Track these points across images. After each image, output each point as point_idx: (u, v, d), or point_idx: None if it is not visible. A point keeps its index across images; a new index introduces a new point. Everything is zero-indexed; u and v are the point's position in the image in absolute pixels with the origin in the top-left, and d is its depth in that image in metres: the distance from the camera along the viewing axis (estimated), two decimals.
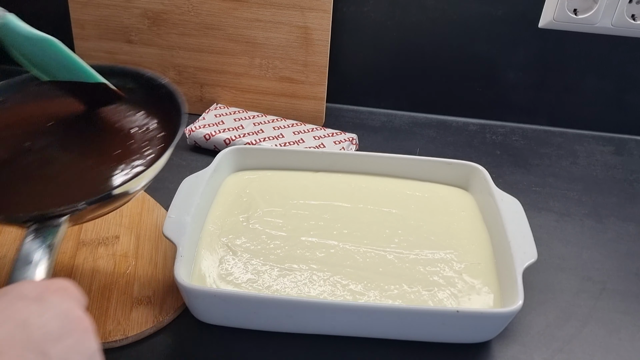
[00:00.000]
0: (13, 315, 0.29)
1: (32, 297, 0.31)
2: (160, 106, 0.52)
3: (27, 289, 0.31)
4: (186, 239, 0.51)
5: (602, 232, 0.65)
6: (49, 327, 0.29)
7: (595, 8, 0.72)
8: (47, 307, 0.30)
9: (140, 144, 0.49)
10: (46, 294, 0.31)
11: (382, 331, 0.50)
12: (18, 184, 0.45)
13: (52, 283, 0.32)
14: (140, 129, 0.50)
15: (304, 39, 0.75)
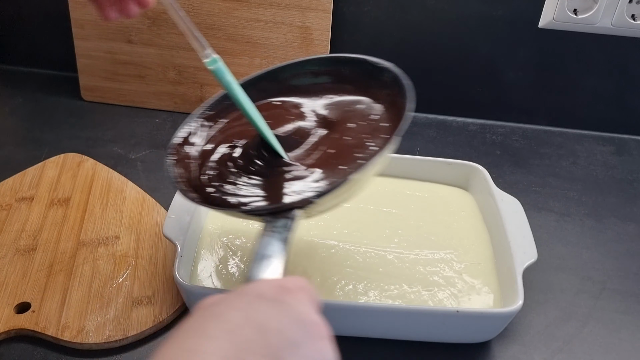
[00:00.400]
0: (252, 317, 0.27)
1: (270, 298, 0.29)
2: (384, 91, 0.50)
3: (265, 289, 0.29)
4: (186, 239, 0.51)
5: (602, 232, 0.65)
6: (287, 333, 0.27)
7: (595, 8, 0.72)
8: (284, 310, 0.28)
9: (367, 133, 0.47)
10: (283, 295, 0.29)
11: (382, 331, 0.50)
12: None
13: (289, 282, 0.30)
14: (364, 116, 0.49)
15: (304, 39, 0.75)
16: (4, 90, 0.84)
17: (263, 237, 0.39)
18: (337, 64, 0.53)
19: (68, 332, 0.49)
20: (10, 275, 0.54)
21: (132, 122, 0.79)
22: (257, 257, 0.37)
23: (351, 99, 0.51)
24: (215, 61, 0.45)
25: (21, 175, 0.65)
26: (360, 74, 0.52)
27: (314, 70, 0.54)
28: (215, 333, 0.26)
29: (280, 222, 0.40)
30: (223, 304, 0.28)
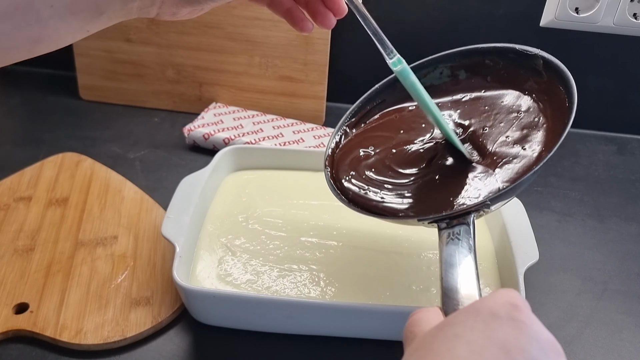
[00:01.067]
0: (493, 337, 0.28)
1: (505, 317, 0.29)
2: (537, 80, 0.48)
3: (497, 308, 0.29)
4: (185, 239, 0.51)
5: (603, 232, 0.65)
6: (529, 352, 0.28)
7: (597, 7, 0.72)
8: (522, 329, 0.28)
9: (526, 128, 0.46)
10: (516, 313, 0.29)
11: (382, 332, 0.50)
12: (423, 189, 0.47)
13: (515, 299, 0.30)
14: (521, 111, 0.48)
15: (304, 37, 0.74)
16: (2, 89, 0.84)
17: (447, 245, 0.39)
18: (477, 55, 0.52)
19: (66, 333, 0.49)
20: (8, 275, 0.53)
21: (131, 121, 0.79)
22: (447, 266, 0.37)
23: (498, 93, 0.50)
24: (399, 61, 0.44)
25: (19, 175, 0.65)
26: (506, 66, 0.50)
27: (452, 65, 0.53)
28: (465, 355, 0.27)
29: (461, 229, 0.40)
30: (460, 325, 0.29)
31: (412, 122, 0.53)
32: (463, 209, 0.41)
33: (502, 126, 0.48)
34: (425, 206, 0.45)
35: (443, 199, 0.44)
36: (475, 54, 0.52)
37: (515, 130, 0.47)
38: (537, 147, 0.45)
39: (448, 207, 0.43)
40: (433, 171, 0.48)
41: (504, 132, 0.47)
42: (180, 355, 0.49)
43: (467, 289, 0.35)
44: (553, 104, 0.46)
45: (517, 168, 0.44)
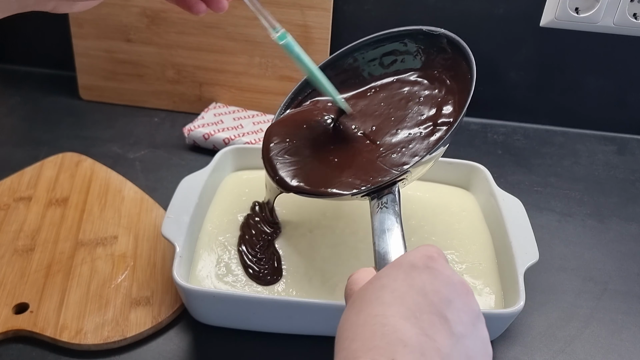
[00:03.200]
0: (413, 284, 0.33)
1: (422, 266, 0.34)
2: (440, 59, 0.53)
3: (415, 260, 0.34)
4: (185, 239, 0.51)
5: (603, 232, 0.65)
6: (442, 293, 0.33)
7: (597, 7, 0.72)
8: (436, 275, 0.33)
9: (436, 102, 0.51)
10: (431, 262, 0.34)
11: None
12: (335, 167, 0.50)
13: (430, 251, 0.35)
14: (428, 87, 0.53)
15: (304, 37, 0.74)
16: (2, 89, 0.84)
17: (377, 214, 0.43)
18: (390, 41, 0.54)
19: (66, 333, 0.49)
20: (9, 275, 0.53)
21: (131, 121, 0.79)
22: (379, 232, 0.42)
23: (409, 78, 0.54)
24: (284, 36, 0.47)
25: (19, 175, 0.65)
26: (415, 49, 0.54)
27: (367, 56, 0.56)
28: (390, 300, 0.32)
29: (388, 198, 0.44)
30: (385, 277, 0.34)
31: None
32: (390, 180, 0.45)
33: (416, 106, 0.52)
34: (356, 181, 0.48)
35: (369, 173, 0.48)
36: (388, 39, 0.55)
37: (427, 108, 0.51)
38: (447, 118, 0.50)
39: (375, 180, 0.47)
40: (347, 150, 0.51)
41: (416, 112, 0.51)
42: (180, 355, 0.49)
43: (395, 250, 0.40)
44: (458, 79, 0.51)
45: (432, 139, 0.49)
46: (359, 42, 0.55)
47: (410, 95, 0.53)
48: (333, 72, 0.55)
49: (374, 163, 0.49)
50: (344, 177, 0.48)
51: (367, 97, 0.55)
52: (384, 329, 0.30)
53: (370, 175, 0.48)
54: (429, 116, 0.51)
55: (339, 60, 0.56)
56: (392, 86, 0.55)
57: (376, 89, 0.55)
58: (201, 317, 0.50)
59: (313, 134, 0.53)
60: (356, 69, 0.56)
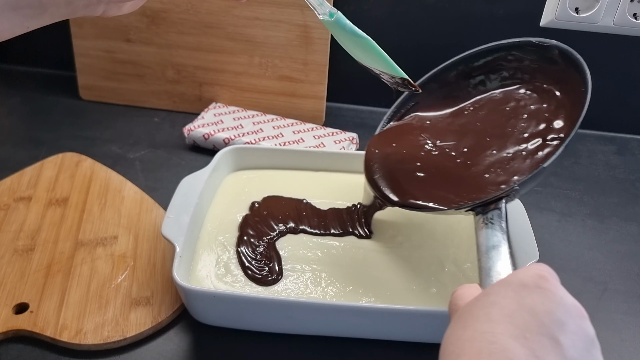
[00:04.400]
0: (523, 303, 0.31)
1: (533, 286, 0.32)
2: (550, 71, 0.52)
3: (526, 279, 0.33)
4: (185, 239, 0.51)
5: (603, 232, 0.65)
6: (555, 315, 0.31)
7: (597, 7, 0.72)
8: (546, 294, 0.32)
9: (544, 116, 0.50)
10: (542, 282, 0.32)
11: (382, 332, 0.50)
12: (441, 180, 0.51)
13: (541, 270, 0.33)
14: (536, 101, 0.52)
15: (304, 37, 0.74)
16: (2, 89, 0.84)
17: (482, 230, 0.43)
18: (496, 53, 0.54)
19: (66, 333, 0.49)
20: (9, 275, 0.53)
21: (131, 121, 0.79)
22: (485, 249, 0.41)
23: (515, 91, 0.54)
24: (332, 14, 0.46)
25: (19, 175, 0.65)
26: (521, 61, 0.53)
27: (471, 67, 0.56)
28: (498, 318, 0.31)
29: (494, 214, 0.44)
30: (493, 294, 0.33)
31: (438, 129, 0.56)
32: (497, 195, 0.45)
33: (521, 122, 0.51)
34: (459, 195, 0.48)
35: (475, 187, 0.48)
36: (494, 51, 0.54)
37: (535, 124, 0.50)
38: (558, 133, 0.48)
39: (482, 195, 0.46)
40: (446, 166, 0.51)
41: (522, 128, 0.50)
42: (180, 355, 0.49)
43: (502, 267, 0.39)
44: (569, 91, 0.50)
45: (541, 154, 0.48)
46: (464, 55, 0.55)
47: (515, 110, 0.52)
48: (437, 84, 0.56)
49: (479, 178, 0.49)
50: (446, 192, 0.49)
51: (470, 111, 0.55)
52: (492, 347, 0.30)
53: (475, 190, 0.47)
54: (537, 131, 0.49)
55: (442, 73, 0.56)
56: (497, 100, 0.54)
57: (479, 104, 0.55)
58: (201, 317, 0.50)
59: (412, 149, 0.53)
60: (460, 82, 0.56)
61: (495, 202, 0.45)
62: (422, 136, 0.54)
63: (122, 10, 0.42)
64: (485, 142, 0.51)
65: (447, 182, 0.50)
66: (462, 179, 0.50)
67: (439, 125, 0.55)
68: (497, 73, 0.55)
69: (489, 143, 0.51)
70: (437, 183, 0.50)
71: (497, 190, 0.46)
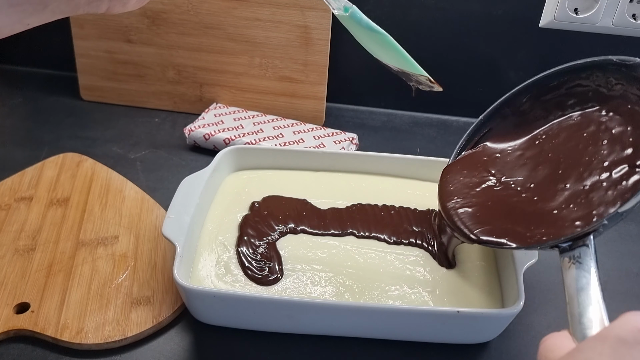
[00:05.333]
0: None
1: (631, 341, 0.29)
2: (635, 91, 0.47)
3: (624, 334, 0.30)
4: (185, 239, 0.51)
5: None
6: None
7: (596, 7, 0.72)
8: None
9: (629, 141, 0.45)
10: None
11: (382, 332, 0.50)
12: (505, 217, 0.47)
13: (638, 322, 0.30)
14: (620, 124, 0.47)
15: (304, 38, 0.75)
16: (3, 89, 0.84)
17: (569, 270, 0.39)
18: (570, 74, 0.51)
19: (67, 333, 0.49)
20: (10, 275, 0.54)
21: (132, 121, 0.79)
22: (573, 292, 0.38)
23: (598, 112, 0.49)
24: (347, 9, 0.44)
25: (20, 175, 0.65)
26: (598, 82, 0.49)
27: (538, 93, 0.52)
28: None
29: (581, 251, 0.40)
30: (589, 351, 0.30)
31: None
32: (583, 231, 0.41)
33: (602, 148, 0.47)
34: (540, 231, 0.44)
35: (545, 224, 0.45)
36: (571, 72, 0.51)
37: (619, 149, 0.46)
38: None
39: (567, 231, 0.43)
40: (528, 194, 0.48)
41: (604, 154, 0.46)
42: (180, 354, 0.49)
43: (593, 313, 0.36)
44: None
45: (629, 182, 0.43)
46: (538, 77, 0.52)
47: (594, 136, 0.48)
48: (509, 109, 0.53)
49: (548, 214, 0.45)
50: (523, 228, 0.45)
51: (542, 139, 0.51)
52: None
53: (545, 226, 0.44)
54: (622, 158, 0.45)
55: (516, 97, 0.53)
56: (573, 126, 0.50)
57: (553, 131, 0.51)
58: (202, 316, 0.50)
59: (482, 181, 0.51)
60: (535, 107, 0.53)
61: (580, 238, 0.41)
62: (488, 171, 0.52)
63: (127, 7, 0.41)
64: (557, 174, 0.48)
65: (511, 218, 0.47)
66: (528, 214, 0.46)
67: (508, 158, 0.52)
68: (575, 96, 0.51)
69: (561, 175, 0.47)
70: (502, 219, 0.47)
71: (571, 227, 0.43)
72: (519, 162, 0.51)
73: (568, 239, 0.41)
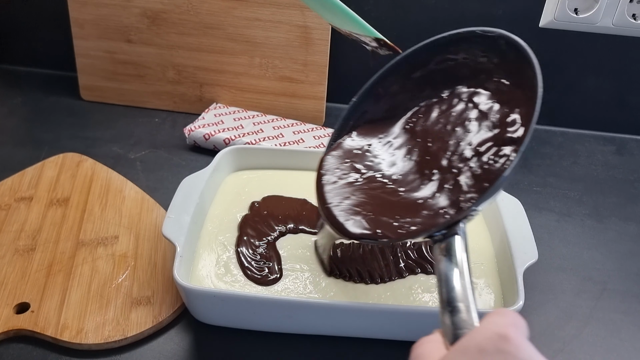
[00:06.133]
0: None
1: (492, 351, 0.28)
2: (504, 65, 0.44)
3: (484, 342, 0.29)
4: (185, 239, 0.51)
5: (602, 232, 0.65)
6: None
7: (596, 7, 0.72)
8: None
9: (497, 119, 0.43)
10: (503, 345, 0.28)
11: (382, 332, 0.50)
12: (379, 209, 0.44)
13: (503, 327, 0.29)
14: (489, 100, 0.44)
15: (304, 38, 0.75)
16: (4, 90, 0.84)
17: (439, 263, 0.37)
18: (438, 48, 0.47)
19: (67, 333, 0.49)
20: (10, 275, 0.54)
21: (132, 121, 0.79)
22: (439, 287, 0.36)
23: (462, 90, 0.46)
24: None
25: (20, 175, 0.65)
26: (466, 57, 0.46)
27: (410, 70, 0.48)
28: None
29: (451, 242, 0.38)
30: None
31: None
32: (451, 220, 0.39)
33: (471, 126, 0.44)
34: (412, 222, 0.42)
35: (428, 212, 0.42)
36: (436, 46, 0.47)
37: (487, 127, 0.43)
38: (514, 134, 0.42)
39: (436, 221, 0.41)
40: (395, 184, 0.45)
41: (472, 134, 0.44)
42: (180, 354, 0.49)
43: (462, 311, 0.34)
44: (523, 86, 0.43)
45: (497, 164, 0.41)
46: (404, 54, 0.48)
47: (461, 115, 0.45)
48: (382, 89, 0.49)
49: (414, 204, 0.43)
50: (395, 221, 0.42)
51: (413, 123, 0.48)
52: None
53: (422, 215, 0.42)
54: (490, 136, 0.42)
55: (386, 77, 0.49)
56: (442, 106, 0.47)
57: (423, 113, 0.48)
58: (202, 316, 0.50)
59: (354, 175, 0.47)
60: (405, 87, 0.49)
61: (449, 227, 0.38)
62: (361, 164, 0.48)
63: None
64: (426, 161, 0.45)
65: (384, 212, 0.44)
66: (399, 206, 0.43)
67: (378, 148, 0.48)
68: (444, 72, 0.47)
69: (430, 162, 0.45)
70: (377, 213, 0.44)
71: (440, 216, 0.41)
72: (389, 151, 0.48)
73: (439, 229, 0.39)
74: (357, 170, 0.48)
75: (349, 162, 0.48)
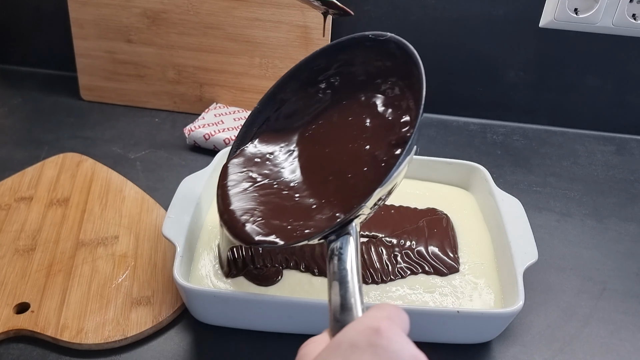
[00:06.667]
0: None
1: (364, 346, 0.28)
2: (396, 67, 0.46)
3: (357, 337, 0.29)
4: (185, 239, 0.51)
5: (602, 232, 0.65)
6: None
7: (596, 7, 0.72)
8: (379, 354, 0.28)
9: (389, 120, 0.44)
10: (376, 338, 0.28)
11: None
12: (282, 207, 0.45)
13: (376, 320, 0.29)
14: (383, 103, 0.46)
15: (304, 38, 0.75)
16: (4, 90, 0.84)
17: (330, 263, 0.38)
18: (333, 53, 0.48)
19: (67, 333, 0.49)
20: (10, 275, 0.54)
21: (132, 121, 0.79)
22: (333, 287, 0.36)
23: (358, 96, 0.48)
24: None
25: (20, 175, 0.65)
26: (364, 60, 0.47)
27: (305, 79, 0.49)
28: None
29: (342, 241, 0.39)
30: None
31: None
32: (342, 220, 0.40)
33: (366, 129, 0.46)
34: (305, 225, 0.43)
35: (320, 215, 0.43)
36: (334, 52, 0.48)
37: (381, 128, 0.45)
38: (403, 133, 0.43)
39: (327, 223, 0.41)
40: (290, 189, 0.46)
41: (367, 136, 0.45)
42: (180, 354, 0.49)
43: (348, 309, 0.34)
44: (412, 87, 0.44)
45: (385, 165, 0.43)
46: (304, 60, 0.49)
47: (358, 119, 0.46)
48: (283, 95, 0.50)
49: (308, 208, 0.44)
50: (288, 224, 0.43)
51: (312, 130, 0.49)
52: None
53: (316, 219, 0.42)
54: (382, 138, 0.44)
55: (284, 84, 0.50)
56: (341, 110, 0.48)
57: (323, 119, 0.49)
58: (202, 316, 0.50)
59: (254, 183, 0.48)
60: (305, 93, 0.50)
61: (342, 227, 0.39)
62: (258, 173, 0.48)
63: None
64: (323, 168, 0.46)
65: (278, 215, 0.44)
66: (294, 211, 0.44)
67: (277, 157, 0.49)
68: (343, 76, 0.48)
69: (327, 168, 0.46)
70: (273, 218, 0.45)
71: (331, 219, 0.41)
72: (289, 159, 0.48)
73: (332, 230, 0.39)
74: (253, 179, 0.48)
75: (248, 170, 0.49)
